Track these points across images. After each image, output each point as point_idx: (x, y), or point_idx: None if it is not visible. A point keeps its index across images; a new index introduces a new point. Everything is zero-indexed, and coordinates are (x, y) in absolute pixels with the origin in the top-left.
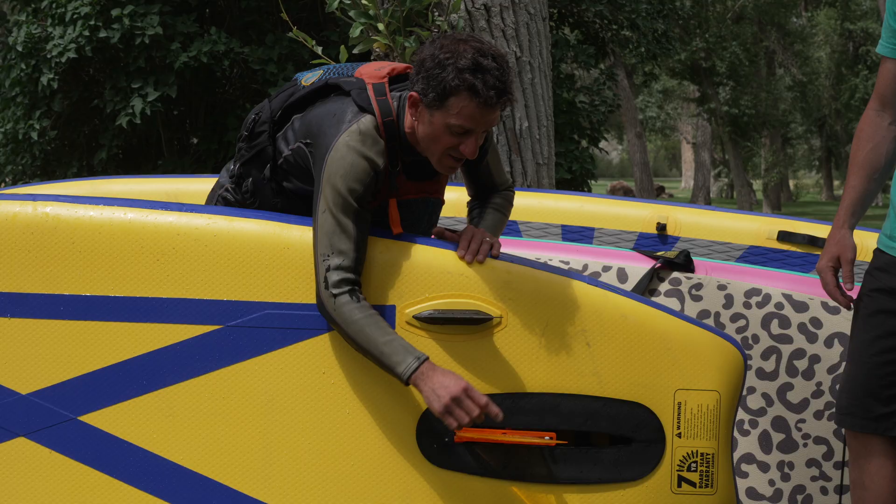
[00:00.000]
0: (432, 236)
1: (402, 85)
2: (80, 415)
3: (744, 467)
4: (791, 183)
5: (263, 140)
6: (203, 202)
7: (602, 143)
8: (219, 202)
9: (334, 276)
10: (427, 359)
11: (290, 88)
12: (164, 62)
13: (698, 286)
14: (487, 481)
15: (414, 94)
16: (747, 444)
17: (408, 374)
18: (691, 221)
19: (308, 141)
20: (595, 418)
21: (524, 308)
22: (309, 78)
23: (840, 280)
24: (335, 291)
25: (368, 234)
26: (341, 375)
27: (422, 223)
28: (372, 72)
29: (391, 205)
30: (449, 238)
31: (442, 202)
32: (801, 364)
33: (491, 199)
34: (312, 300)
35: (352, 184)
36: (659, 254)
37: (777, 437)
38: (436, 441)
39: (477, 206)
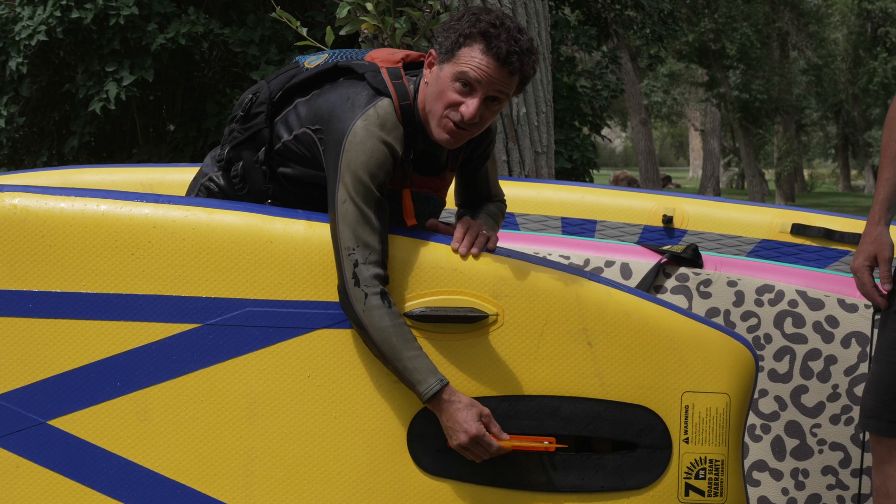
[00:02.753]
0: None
1: (417, 72)
2: (49, 419)
3: (755, 475)
4: (805, 172)
5: (260, 122)
6: (181, 192)
7: (605, 131)
8: (201, 192)
9: (366, 272)
10: (448, 383)
11: (292, 70)
12: (139, 44)
13: (707, 282)
14: (482, 489)
15: (432, 51)
16: (759, 451)
17: (428, 395)
18: (699, 213)
19: (317, 127)
20: (597, 422)
21: (522, 305)
22: (313, 61)
23: (877, 280)
24: (368, 290)
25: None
26: (327, 377)
27: (421, 222)
28: (385, 56)
29: (405, 195)
30: (443, 231)
31: (443, 203)
32: (817, 365)
33: (484, 205)
34: (297, 297)
35: (374, 170)
36: (665, 248)
37: (791, 443)
38: (428, 447)
39: (468, 213)
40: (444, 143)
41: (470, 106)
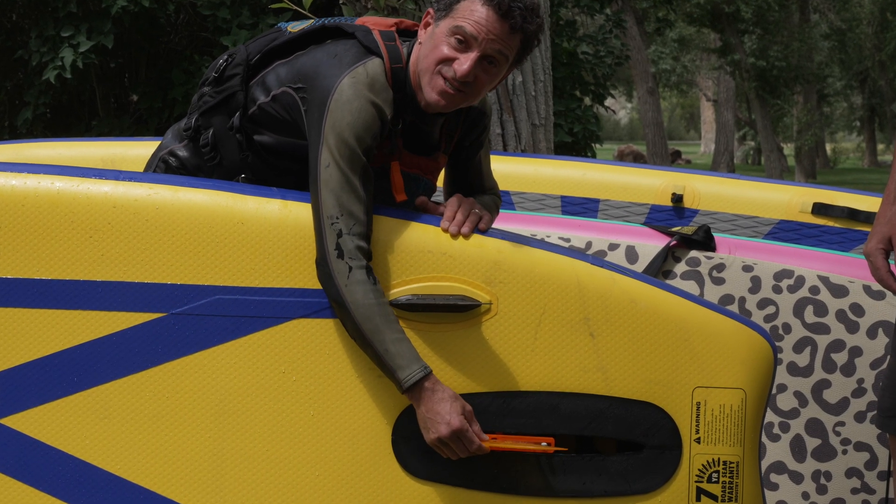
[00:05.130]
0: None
1: (411, 39)
2: (0, 417)
3: (773, 477)
4: (828, 147)
5: (235, 84)
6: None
7: (608, 101)
8: (159, 167)
9: (350, 244)
10: (431, 372)
11: (273, 34)
12: (98, 7)
13: (720, 267)
14: (475, 494)
15: (430, 9)
16: (777, 451)
17: (409, 384)
18: (712, 192)
19: (299, 85)
20: (600, 421)
21: (517, 293)
22: (296, 26)
23: (892, 263)
24: (352, 264)
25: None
26: (305, 371)
27: (410, 204)
28: (377, 20)
29: (393, 168)
30: (432, 211)
31: (434, 188)
32: (840, 358)
33: (477, 196)
34: (270, 284)
35: (361, 133)
36: (674, 229)
37: (812, 443)
38: (415, 448)
39: None
40: (434, 105)
41: (464, 62)
